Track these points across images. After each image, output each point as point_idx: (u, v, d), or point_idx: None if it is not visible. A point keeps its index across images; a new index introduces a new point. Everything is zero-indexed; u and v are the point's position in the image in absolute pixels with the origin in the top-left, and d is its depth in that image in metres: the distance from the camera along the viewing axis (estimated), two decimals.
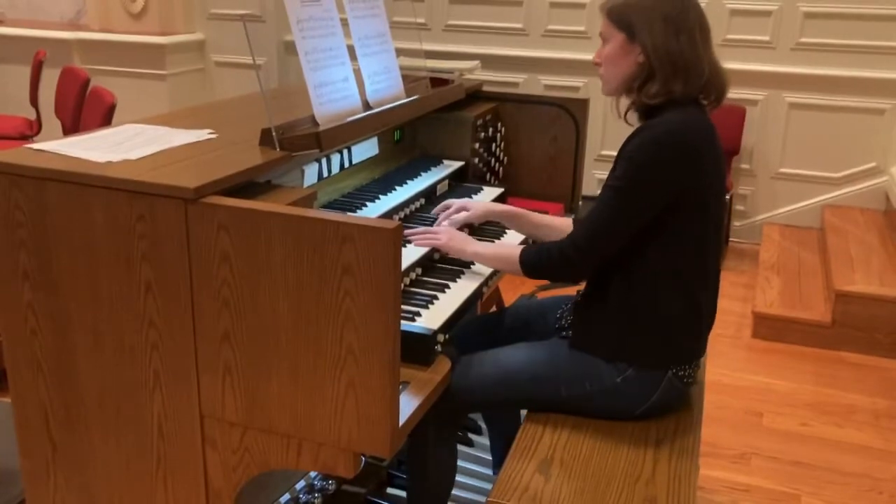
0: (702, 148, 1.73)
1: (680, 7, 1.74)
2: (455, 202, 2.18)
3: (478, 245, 1.99)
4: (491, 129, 2.63)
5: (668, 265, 1.76)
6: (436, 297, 1.84)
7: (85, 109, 4.04)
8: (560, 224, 2.10)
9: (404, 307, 1.74)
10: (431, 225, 2.12)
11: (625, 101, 1.85)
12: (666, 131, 1.71)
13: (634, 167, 1.70)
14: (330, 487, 2.20)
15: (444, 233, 2.01)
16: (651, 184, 1.70)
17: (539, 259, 1.83)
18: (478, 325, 2.22)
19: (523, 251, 1.86)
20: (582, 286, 1.93)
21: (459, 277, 1.96)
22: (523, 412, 1.99)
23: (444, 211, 2.17)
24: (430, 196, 2.35)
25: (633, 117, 1.85)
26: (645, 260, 1.76)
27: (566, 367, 1.84)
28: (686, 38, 1.73)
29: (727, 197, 4.37)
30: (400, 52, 2.32)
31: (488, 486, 2.27)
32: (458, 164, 2.53)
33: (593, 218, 1.75)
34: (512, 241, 2.22)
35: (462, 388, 1.82)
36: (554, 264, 1.81)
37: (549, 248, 1.83)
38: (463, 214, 2.14)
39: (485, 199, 2.42)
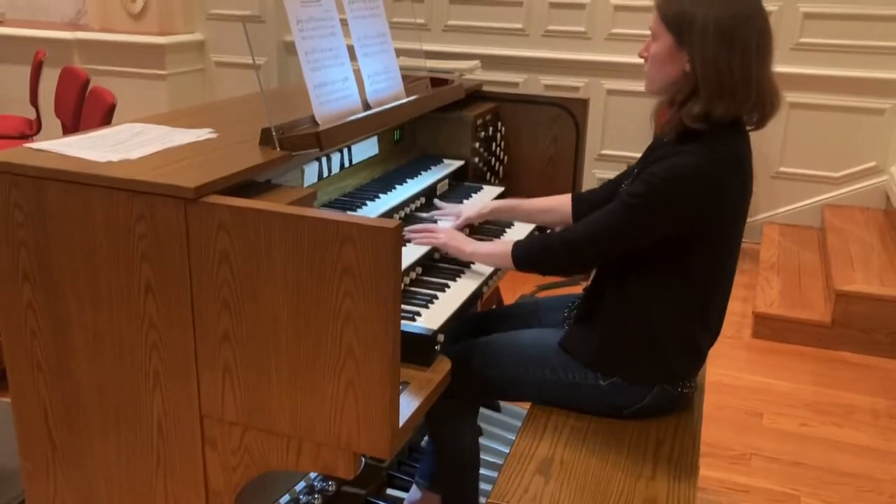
0: (728, 185, 1.64)
1: (743, 17, 1.59)
2: (447, 207, 2.19)
3: (476, 244, 1.98)
4: (491, 129, 2.63)
5: (673, 288, 1.73)
6: (436, 297, 1.84)
7: (85, 109, 4.03)
8: (558, 204, 2.08)
9: (404, 307, 1.74)
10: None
11: (655, 106, 1.78)
12: (692, 165, 1.61)
13: (652, 191, 1.64)
14: (330, 488, 2.19)
15: (444, 232, 2.00)
16: (663, 213, 1.65)
17: (529, 251, 1.82)
18: (474, 322, 2.21)
19: (515, 244, 1.86)
20: (585, 285, 1.92)
21: (459, 277, 1.96)
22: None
23: (438, 214, 2.18)
24: (431, 195, 2.35)
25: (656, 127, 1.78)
26: (648, 279, 1.74)
27: (554, 355, 1.85)
28: (739, 57, 1.58)
29: None
30: (400, 52, 2.32)
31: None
32: (458, 164, 2.53)
33: (595, 223, 1.73)
34: (513, 238, 2.22)
35: (458, 366, 1.81)
36: (543, 256, 1.80)
37: (540, 240, 1.82)
38: (463, 218, 2.15)
39: (485, 198, 2.42)
